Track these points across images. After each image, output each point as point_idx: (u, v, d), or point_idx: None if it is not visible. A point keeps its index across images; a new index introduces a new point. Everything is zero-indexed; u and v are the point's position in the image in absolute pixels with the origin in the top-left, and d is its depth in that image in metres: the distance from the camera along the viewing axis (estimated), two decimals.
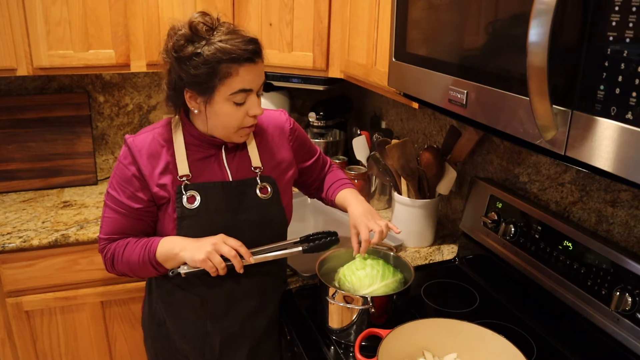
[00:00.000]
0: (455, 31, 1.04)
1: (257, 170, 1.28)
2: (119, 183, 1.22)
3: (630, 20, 0.66)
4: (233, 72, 1.11)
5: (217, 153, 1.26)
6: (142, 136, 1.23)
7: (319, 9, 1.82)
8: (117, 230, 1.25)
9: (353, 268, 1.28)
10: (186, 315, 1.31)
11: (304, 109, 2.50)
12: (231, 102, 1.15)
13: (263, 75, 1.19)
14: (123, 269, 1.26)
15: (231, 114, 1.17)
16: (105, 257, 1.27)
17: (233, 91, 1.13)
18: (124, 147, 1.23)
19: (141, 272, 1.25)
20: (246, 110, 1.17)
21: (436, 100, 1.13)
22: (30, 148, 2.11)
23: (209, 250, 1.15)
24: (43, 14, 1.77)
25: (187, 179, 1.22)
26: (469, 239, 1.59)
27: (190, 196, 1.21)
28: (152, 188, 1.21)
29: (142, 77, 2.27)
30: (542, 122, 0.79)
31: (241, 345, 1.34)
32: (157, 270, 1.23)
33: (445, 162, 1.67)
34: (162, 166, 1.21)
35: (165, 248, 1.20)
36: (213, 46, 1.10)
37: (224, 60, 1.10)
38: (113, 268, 1.27)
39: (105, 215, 1.25)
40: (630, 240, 1.16)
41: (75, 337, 1.87)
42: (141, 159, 1.20)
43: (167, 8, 1.89)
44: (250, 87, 1.15)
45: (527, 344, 1.25)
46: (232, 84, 1.13)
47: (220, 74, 1.11)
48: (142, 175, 1.20)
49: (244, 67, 1.12)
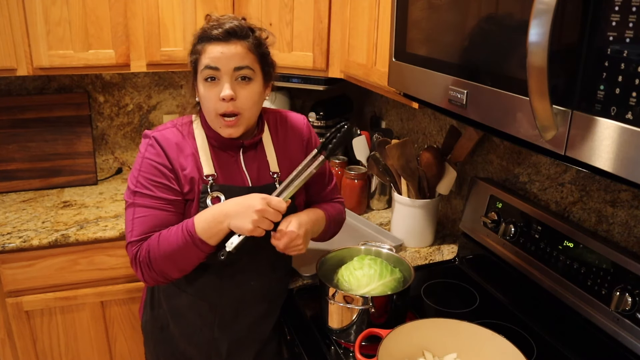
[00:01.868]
0: (455, 31, 1.04)
1: (275, 176, 1.27)
2: (148, 179, 1.17)
3: (630, 20, 0.66)
4: (202, 49, 1.16)
5: (236, 155, 1.25)
6: (165, 130, 1.22)
7: (319, 9, 1.82)
8: (151, 228, 1.17)
9: (351, 268, 1.28)
10: (193, 320, 1.30)
11: (304, 109, 2.50)
12: (203, 80, 1.17)
13: (239, 59, 1.15)
14: (163, 263, 1.15)
15: (205, 95, 1.18)
16: (140, 259, 1.16)
17: (202, 67, 1.16)
18: (147, 142, 1.20)
19: (184, 259, 1.15)
20: (218, 92, 1.16)
21: (436, 100, 1.13)
22: (30, 148, 2.11)
23: (256, 219, 1.10)
24: (43, 14, 1.76)
25: (213, 179, 1.20)
26: (469, 239, 1.59)
27: (216, 197, 1.19)
28: (182, 180, 1.19)
29: (142, 77, 2.27)
30: (542, 122, 0.79)
31: (248, 349, 1.34)
32: (201, 250, 1.14)
33: (445, 162, 1.67)
34: (190, 160, 1.20)
35: (205, 220, 1.13)
36: (201, 30, 1.17)
37: (199, 39, 1.17)
38: (150, 269, 1.16)
39: (134, 217, 1.18)
40: (630, 240, 1.16)
41: (75, 337, 1.87)
42: (169, 148, 1.19)
43: (167, 8, 1.89)
44: (216, 66, 1.14)
45: (527, 344, 1.25)
46: (202, 60, 1.16)
47: (196, 52, 1.17)
48: (172, 165, 1.18)
49: (212, 44, 1.15)
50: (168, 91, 2.33)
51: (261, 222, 1.11)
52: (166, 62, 1.95)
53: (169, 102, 2.34)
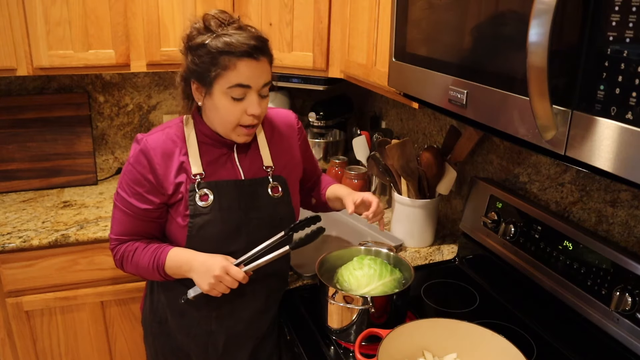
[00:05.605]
0: (455, 31, 1.04)
1: (268, 170, 1.29)
2: (128, 184, 1.22)
3: (630, 20, 0.66)
4: (231, 65, 1.11)
5: (229, 152, 1.26)
6: (155, 135, 1.22)
7: (319, 9, 1.82)
8: (126, 231, 1.25)
9: (351, 268, 1.28)
10: (191, 314, 1.31)
11: (304, 109, 2.50)
12: (229, 96, 1.15)
13: (266, 75, 1.17)
14: (131, 271, 1.28)
15: (229, 109, 1.16)
16: (115, 258, 1.29)
17: (230, 85, 1.13)
18: (136, 148, 1.21)
19: (149, 277, 1.28)
20: (245, 107, 1.16)
21: (436, 100, 1.13)
22: (30, 148, 2.11)
23: (213, 283, 1.17)
24: (43, 14, 1.76)
25: (201, 177, 1.21)
26: (469, 239, 1.59)
27: (203, 194, 1.21)
28: (167, 188, 1.20)
29: (142, 77, 2.27)
30: (542, 122, 0.79)
31: (245, 343, 1.35)
32: (164, 278, 1.26)
33: (445, 162, 1.67)
34: (177, 165, 1.21)
35: (175, 262, 1.22)
36: (219, 39, 1.11)
37: (224, 52, 1.11)
38: (122, 268, 1.30)
39: (114, 216, 1.26)
40: (630, 240, 1.16)
41: (75, 337, 1.87)
42: (156, 158, 1.19)
43: (167, 8, 1.89)
44: (248, 84, 1.14)
45: (527, 344, 1.25)
46: (230, 77, 1.13)
47: (220, 65, 1.12)
48: (155, 176, 1.19)
49: (243, 61, 1.12)
50: (168, 91, 2.33)
51: (217, 286, 1.18)
52: (166, 62, 1.95)
53: (169, 102, 2.34)
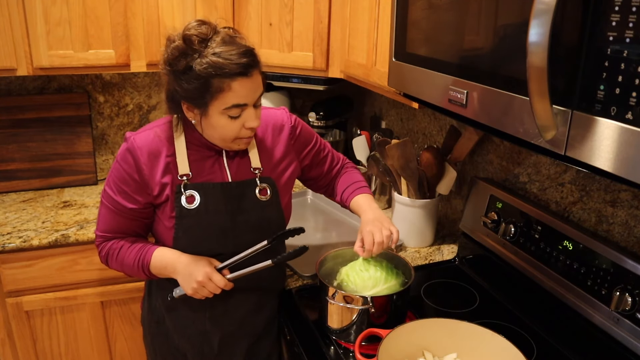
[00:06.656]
0: (455, 31, 1.04)
1: (256, 171, 1.28)
2: (115, 182, 1.21)
3: (630, 20, 0.66)
4: (225, 87, 1.08)
5: (218, 154, 1.26)
6: (143, 134, 1.22)
7: (319, 9, 1.82)
8: (111, 228, 1.26)
9: (357, 269, 1.26)
10: (185, 313, 1.32)
11: (304, 109, 2.50)
12: (226, 115, 1.13)
13: (259, 87, 1.15)
14: (116, 268, 1.29)
15: (227, 127, 1.15)
16: (100, 254, 1.30)
17: (227, 106, 1.11)
18: (124, 146, 1.21)
19: (134, 275, 1.29)
20: (243, 122, 1.15)
21: (436, 100, 1.13)
22: (30, 148, 2.11)
23: (195, 287, 1.19)
24: (43, 14, 1.76)
25: (187, 179, 1.21)
26: (469, 239, 1.59)
27: (190, 196, 1.21)
28: (153, 188, 1.20)
29: (142, 77, 2.27)
30: (542, 122, 0.79)
31: (240, 342, 1.35)
32: (150, 277, 1.28)
33: (445, 162, 1.67)
34: (163, 165, 1.20)
35: (160, 262, 1.23)
36: (205, 60, 1.06)
37: (216, 75, 1.07)
38: (107, 264, 1.31)
39: (100, 212, 1.26)
40: (630, 240, 1.16)
41: (75, 337, 1.87)
42: (142, 157, 1.19)
43: (167, 8, 1.89)
44: (245, 102, 1.12)
45: (527, 344, 1.25)
46: (226, 99, 1.10)
47: (213, 88, 1.08)
48: (141, 175, 1.19)
49: (237, 81, 1.09)
50: None
51: (200, 290, 1.20)
52: None
53: None
